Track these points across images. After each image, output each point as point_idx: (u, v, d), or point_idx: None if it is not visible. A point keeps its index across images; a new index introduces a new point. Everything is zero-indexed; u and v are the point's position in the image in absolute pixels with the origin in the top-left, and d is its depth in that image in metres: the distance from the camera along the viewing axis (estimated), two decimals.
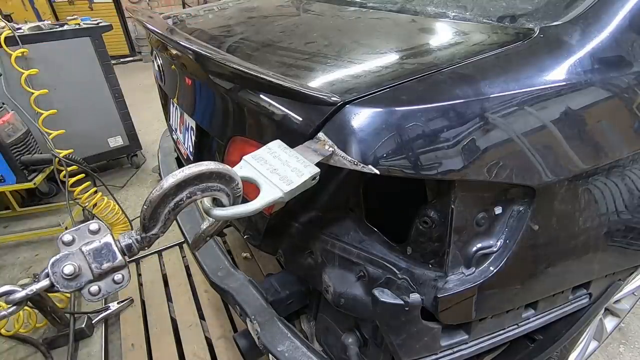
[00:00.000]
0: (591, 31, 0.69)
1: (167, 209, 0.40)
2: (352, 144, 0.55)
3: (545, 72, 0.64)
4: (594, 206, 0.74)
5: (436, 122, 0.56)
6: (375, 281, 0.67)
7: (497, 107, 0.58)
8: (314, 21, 1.04)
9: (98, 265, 0.37)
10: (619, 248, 0.84)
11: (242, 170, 0.50)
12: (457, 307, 0.65)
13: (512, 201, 0.66)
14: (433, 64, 0.64)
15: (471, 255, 0.65)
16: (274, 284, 0.92)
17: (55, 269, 0.35)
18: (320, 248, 0.73)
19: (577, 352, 1.27)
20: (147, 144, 3.27)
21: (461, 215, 0.61)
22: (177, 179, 0.39)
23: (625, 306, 1.40)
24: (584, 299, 0.89)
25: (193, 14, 1.27)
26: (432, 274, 0.65)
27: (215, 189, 0.42)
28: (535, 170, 0.62)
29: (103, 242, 0.38)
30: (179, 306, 1.69)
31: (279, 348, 0.77)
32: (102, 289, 0.38)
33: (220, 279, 0.96)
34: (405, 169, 0.55)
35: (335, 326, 0.82)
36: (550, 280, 0.76)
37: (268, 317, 0.82)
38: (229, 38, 0.95)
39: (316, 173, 0.50)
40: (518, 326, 0.79)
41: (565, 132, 0.64)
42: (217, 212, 0.44)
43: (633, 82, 0.70)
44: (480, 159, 0.57)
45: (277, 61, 0.77)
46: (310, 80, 0.66)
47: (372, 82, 0.61)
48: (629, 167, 0.77)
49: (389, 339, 0.66)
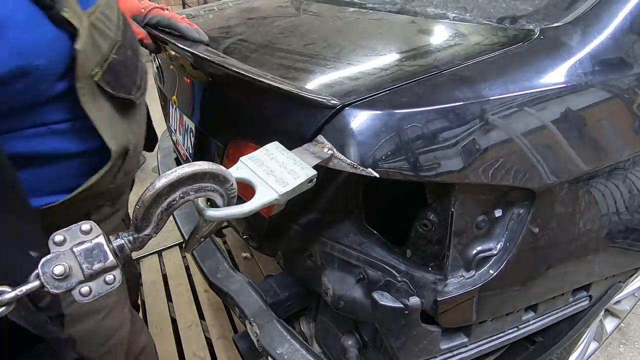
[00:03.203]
0: (591, 32, 0.68)
1: (159, 209, 0.39)
2: (351, 147, 0.55)
3: (545, 73, 0.64)
4: (594, 209, 0.73)
5: (436, 125, 0.55)
6: (375, 284, 0.67)
7: (497, 109, 0.58)
8: (313, 22, 1.04)
9: (89, 266, 0.36)
10: (620, 250, 0.84)
11: (238, 171, 0.49)
12: (457, 310, 0.65)
13: (512, 204, 0.65)
14: (433, 65, 0.63)
15: (471, 258, 0.64)
16: (274, 286, 0.91)
17: (46, 270, 0.35)
18: (320, 250, 0.73)
19: (577, 353, 1.27)
20: None
21: (461, 218, 0.61)
22: (170, 179, 0.38)
23: (625, 307, 1.40)
24: (584, 301, 0.89)
25: (193, 14, 1.27)
26: (432, 277, 0.64)
27: (209, 189, 0.42)
28: (536, 172, 0.62)
29: (94, 243, 0.37)
30: (179, 306, 1.69)
31: (279, 350, 0.77)
32: (93, 289, 0.37)
33: (220, 281, 0.96)
34: (405, 172, 0.55)
35: (334, 328, 0.82)
36: (550, 282, 0.75)
37: (267, 319, 0.82)
38: (228, 39, 0.95)
39: (313, 175, 0.50)
40: (518, 329, 0.79)
41: (565, 135, 0.64)
42: (211, 213, 0.43)
43: (633, 83, 0.70)
44: (480, 161, 0.57)
45: (276, 63, 0.77)
46: (310, 82, 0.65)
47: (371, 85, 0.60)
48: (629, 169, 0.77)
49: (389, 342, 0.66)
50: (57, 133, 0.47)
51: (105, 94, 0.50)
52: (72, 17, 0.43)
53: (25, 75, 0.40)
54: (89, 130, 0.48)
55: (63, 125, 0.47)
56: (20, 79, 0.40)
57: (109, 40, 0.50)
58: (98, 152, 0.51)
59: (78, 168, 0.51)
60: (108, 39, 0.50)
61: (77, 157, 0.50)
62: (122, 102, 0.54)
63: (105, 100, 0.51)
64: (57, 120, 0.47)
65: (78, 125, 0.48)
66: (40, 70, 0.41)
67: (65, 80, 0.45)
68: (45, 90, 0.44)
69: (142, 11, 0.86)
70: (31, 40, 0.40)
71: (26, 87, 0.41)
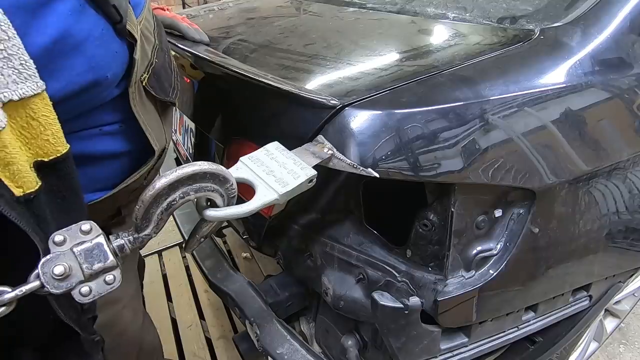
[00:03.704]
0: (591, 32, 0.68)
1: (159, 209, 0.39)
2: (352, 147, 0.55)
3: (545, 73, 0.64)
4: (594, 209, 0.73)
5: (436, 125, 0.55)
6: (375, 284, 0.67)
7: (497, 109, 0.58)
8: (314, 22, 1.04)
9: (89, 266, 0.36)
10: (620, 250, 0.84)
11: (238, 171, 0.49)
12: (457, 310, 0.65)
13: (512, 204, 0.65)
14: (433, 65, 0.63)
15: (471, 258, 0.64)
16: (274, 286, 0.91)
17: (46, 270, 0.35)
18: (320, 250, 0.73)
19: (577, 353, 1.27)
20: None
21: (461, 218, 0.61)
22: (170, 179, 0.38)
23: (625, 307, 1.40)
24: (584, 301, 0.89)
25: (193, 14, 1.27)
26: (432, 277, 0.64)
27: (209, 189, 0.42)
28: (536, 172, 0.62)
29: (95, 243, 0.37)
30: (179, 306, 1.69)
31: (279, 350, 0.77)
32: (93, 289, 0.37)
33: (220, 281, 0.96)
34: (405, 172, 0.55)
35: (334, 328, 0.82)
36: (550, 283, 0.75)
37: (267, 320, 0.82)
38: (228, 39, 0.95)
39: (313, 176, 0.50)
40: (518, 329, 0.79)
41: (565, 135, 0.64)
42: (211, 213, 0.43)
43: (633, 83, 0.70)
44: (480, 161, 0.57)
45: (276, 63, 0.77)
46: (310, 82, 0.65)
47: (371, 85, 0.60)
48: (629, 169, 0.77)
49: (389, 342, 0.66)
50: (108, 134, 0.50)
51: (150, 97, 0.54)
52: (132, 29, 0.47)
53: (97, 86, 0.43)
54: (136, 132, 0.52)
55: (114, 126, 0.50)
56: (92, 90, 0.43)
57: (151, 45, 0.54)
58: (141, 151, 0.54)
59: (122, 167, 0.54)
60: (150, 43, 0.54)
61: (123, 156, 0.54)
62: (162, 104, 0.57)
63: (150, 103, 0.54)
64: (109, 122, 0.50)
65: (126, 128, 0.51)
66: (108, 80, 0.44)
67: (120, 87, 0.48)
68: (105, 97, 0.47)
69: None
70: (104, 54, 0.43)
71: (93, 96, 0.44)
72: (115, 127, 0.50)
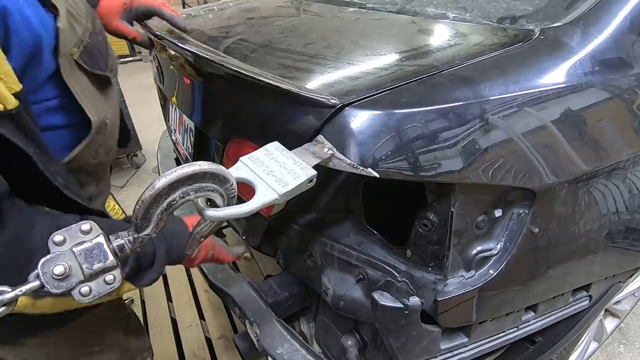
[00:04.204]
0: (591, 32, 0.68)
1: (159, 209, 0.39)
2: (352, 147, 0.55)
3: (545, 73, 0.64)
4: (594, 209, 0.73)
5: (436, 125, 0.55)
6: (375, 284, 0.67)
7: (497, 109, 0.58)
8: (313, 22, 1.04)
9: (89, 266, 0.37)
10: (620, 250, 0.84)
11: (237, 171, 0.49)
12: (456, 310, 0.65)
13: (512, 204, 0.65)
14: (433, 65, 0.63)
15: (471, 258, 0.64)
16: (274, 286, 0.91)
17: (45, 269, 0.35)
18: (320, 250, 0.73)
19: (577, 353, 1.27)
20: (147, 144, 3.26)
21: (461, 218, 0.61)
22: (170, 179, 0.38)
23: (625, 307, 1.40)
24: (584, 301, 0.89)
25: (193, 14, 1.27)
26: (432, 277, 0.64)
27: (209, 189, 0.42)
28: (536, 172, 0.62)
29: (94, 243, 0.38)
30: (179, 306, 1.69)
31: (278, 350, 0.77)
32: (93, 289, 0.37)
33: (220, 281, 0.96)
34: (405, 172, 0.55)
35: (334, 328, 0.82)
36: (550, 283, 0.75)
37: (267, 320, 0.82)
38: (228, 39, 0.95)
39: (313, 176, 0.50)
40: (518, 329, 0.79)
41: (565, 135, 0.64)
42: (211, 213, 0.43)
43: (633, 83, 0.70)
44: (480, 161, 0.57)
45: (276, 63, 0.77)
46: (309, 82, 0.65)
47: (371, 84, 0.60)
48: (629, 169, 0.77)
49: (389, 342, 0.66)
50: (52, 109, 0.56)
51: (83, 70, 0.58)
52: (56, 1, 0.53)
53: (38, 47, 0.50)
54: (73, 105, 0.57)
55: (54, 101, 0.56)
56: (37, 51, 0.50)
57: (82, 27, 0.59)
58: (81, 125, 0.59)
59: (64, 140, 0.59)
60: (81, 25, 0.59)
61: (63, 128, 0.58)
62: (98, 78, 0.62)
63: (86, 78, 0.59)
64: (51, 97, 0.55)
65: (66, 102, 0.57)
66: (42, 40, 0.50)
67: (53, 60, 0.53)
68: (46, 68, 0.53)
69: (125, 5, 0.87)
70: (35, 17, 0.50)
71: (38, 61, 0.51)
72: (55, 101, 0.56)
